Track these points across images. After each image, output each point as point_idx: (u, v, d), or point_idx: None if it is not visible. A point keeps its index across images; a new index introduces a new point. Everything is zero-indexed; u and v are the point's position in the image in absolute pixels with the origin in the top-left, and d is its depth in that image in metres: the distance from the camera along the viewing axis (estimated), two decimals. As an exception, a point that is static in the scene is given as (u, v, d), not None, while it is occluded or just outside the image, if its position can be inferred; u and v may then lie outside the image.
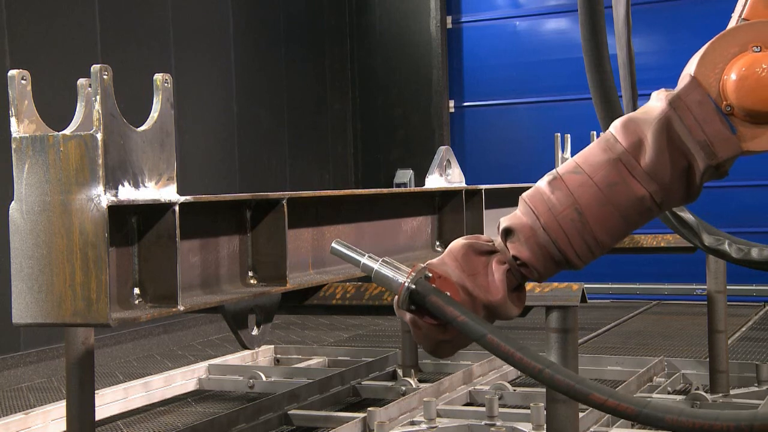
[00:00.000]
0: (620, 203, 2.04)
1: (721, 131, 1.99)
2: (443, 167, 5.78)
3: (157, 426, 7.12)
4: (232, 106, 12.89)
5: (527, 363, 1.96)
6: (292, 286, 3.67)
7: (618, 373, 7.73)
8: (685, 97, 2.01)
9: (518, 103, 14.71)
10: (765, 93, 1.96)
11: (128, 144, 2.98)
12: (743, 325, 11.33)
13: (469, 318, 1.98)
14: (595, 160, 2.06)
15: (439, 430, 6.26)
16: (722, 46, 2.04)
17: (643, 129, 2.02)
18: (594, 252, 2.10)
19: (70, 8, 10.26)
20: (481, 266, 2.08)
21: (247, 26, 13.15)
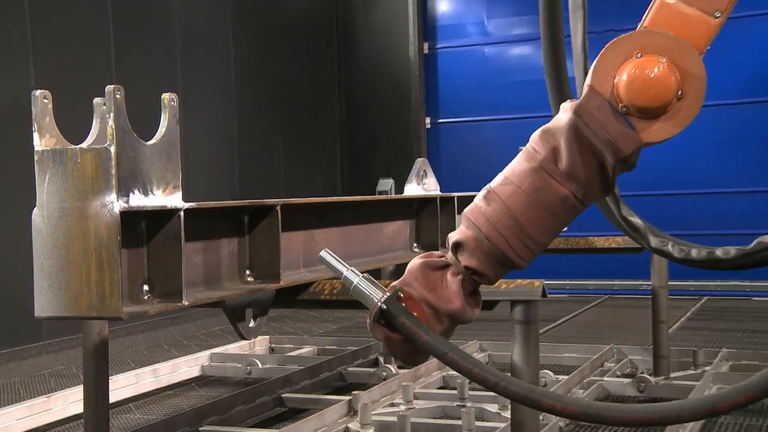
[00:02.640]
0: (548, 204, 2.08)
1: (622, 129, 2.04)
2: (420, 177, 5.77)
3: (165, 408, 7.09)
4: (233, 120, 12.88)
5: (484, 377, 2.04)
6: (285, 283, 3.66)
7: (574, 359, 7.74)
8: (586, 105, 2.05)
9: (487, 120, 14.75)
10: (652, 91, 2.01)
11: (138, 156, 2.97)
12: (682, 316, 11.37)
13: (432, 338, 2.03)
14: (521, 170, 2.11)
15: (416, 411, 6.24)
16: (610, 56, 2.11)
17: (557, 137, 2.07)
18: (533, 250, 2.13)
19: (87, 36, 10.26)
20: (438, 280, 2.11)
21: (246, 49, 13.14)
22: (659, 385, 6.97)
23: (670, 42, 2.07)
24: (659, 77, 2.02)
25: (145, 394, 7.50)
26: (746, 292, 13.31)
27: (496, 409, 6.11)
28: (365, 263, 4.40)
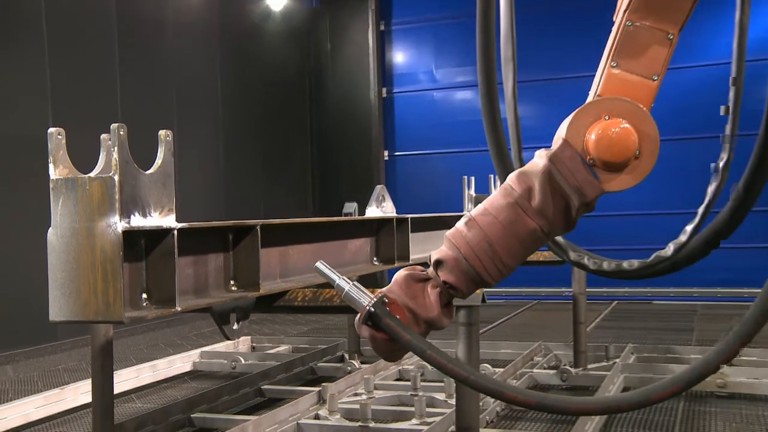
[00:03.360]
0: (519, 235, 2.11)
1: (588, 178, 2.08)
2: (379, 201, 5.76)
3: (162, 398, 7.04)
4: (220, 152, 12.89)
5: (457, 372, 2.05)
6: (264, 291, 3.63)
7: (508, 354, 7.78)
8: (560, 155, 2.09)
9: (435, 153, 14.81)
10: (616, 149, 2.06)
11: (138, 184, 2.97)
12: (597, 317, 11.49)
13: (413, 338, 2.04)
14: (499, 204, 2.12)
15: (376, 400, 6.24)
16: (583, 117, 2.12)
17: (532, 179, 2.09)
18: (503, 272, 2.17)
19: (97, 82, 10.24)
20: (419, 291, 2.13)
21: (232, 94, 13.15)
22: (579, 375, 7.03)
23: (632, 108, 2.11)
24: (622, 138, 2.07)
25: (144, 386, 7.47)
26: (648, 297, 13.51)
27: (444, 397, 6.12)
28: (332, 274, 4.39)
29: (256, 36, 14.11)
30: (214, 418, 5.96)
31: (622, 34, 2.22)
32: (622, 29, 2.22)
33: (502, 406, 6.16)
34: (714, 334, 10.00)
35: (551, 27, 14.11)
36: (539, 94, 14.07)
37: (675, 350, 7.92)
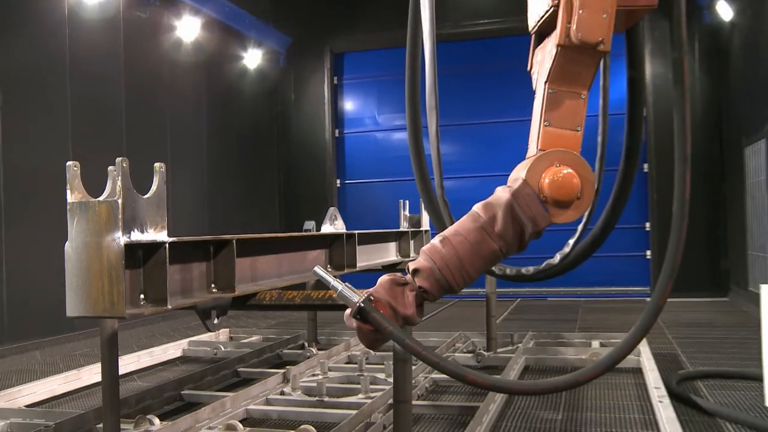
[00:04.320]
0: (483, 253, 2.13)
1: (541, 211, 2.12)
2: (332, 220, 5.78)
3: (158, 378, 6.96)
4: (205, 179, 12.80)
5: (430, 358, 2.09)
6: (239, 292, 3.63)
7: (436, 341, 7.81)
8: (521, 191, 2.12)
9: (378, 181, 14.86)
10: (564, 191, 2.11)
11: (137, 206, 2.99)
12: (505, 311, 11.59)
13: (395, 330, 2.05)
14: (468, 227, 2.14)
15: (330, 379, 6.23)
16: (540, 163, 2.14)
17: (496, 209, 2.12)
18: (467, 282, 2.18)
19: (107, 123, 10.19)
20: (399, 292, 2.13)
21: (215, 134, 13.09)
22: (490, 357, 7.09)
23: (576, 159, 2.15)
24: (569, 182, 2.12)
25: (144, 368, 7.41)
26: (544, 295, 13.65)
27: (384, 376, 6.13)
28: (294, 279, 4.38)
29: (235, 88, 14.09)
30: (200, 394, 5.93)
31: (548, 99, 2.23)
32: (547, 96, 2.23)
33: (429, 383, 6.20)
34: (593, 323, 10.17)
35: (468, 83, 14.28)
36: (458, 135, 14.26)
37: (563, 336, 8.05)
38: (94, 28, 10.12)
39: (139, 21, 11.11)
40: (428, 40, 2.85)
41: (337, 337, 8.34)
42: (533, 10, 2.40)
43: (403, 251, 6.90)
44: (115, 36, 10.54)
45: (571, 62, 2.18)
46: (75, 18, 9.71)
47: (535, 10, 2.39)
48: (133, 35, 10.90)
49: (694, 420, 5.16)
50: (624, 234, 13.30)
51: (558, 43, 2.14)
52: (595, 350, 7.11)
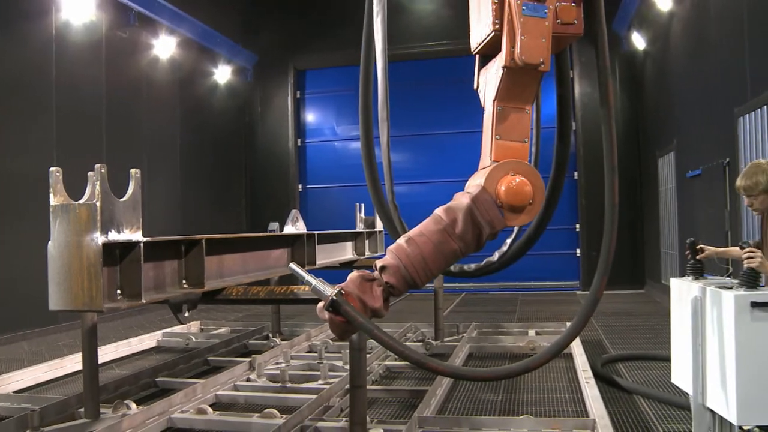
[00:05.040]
0: (444, 253, 2.12)
1: (497, 215, 2.13)
2: (294, 221, 5.75)
3: (135, 366, 6.84)
4: (179, 184, 12.67)
5: (395, 347, 2.08)
6: (208, 288, 3.60)
7: (389, 332, 7.74)
8: (480, 197, 2.12)
9: (336, 186, 14.84)
10: (518, 197, 2.12)
11: (115, 208, 2.97)
12: (451, 304, 11.65)
13: (364, 321, 2.03)
14: (431, 229, 2.13)
15: (292, 366, 6.19)
16: (497, 172, 2.15)
17: (457, 213, 2.11)
18: (429, 278, 2.17)
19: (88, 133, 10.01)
20: (368, 287, 2.10)
21: (188, 142, 12.96)
22: (438, 345, 7.10)
23: (528, 169, 2.17)
24: (522, 190, 2.13)
25: (122, 357, 7.29)
26: (486, 290, 13.74)
27: (341, 364, 6.11)
28: (259, 275, 4.35)
29: (206, 101, 13.95)
30: (173, 381, 5.84)
31: (497, 115, 2.24)
32: (496, 112, 2.24)
33: (383, 369, 6.20)
34: (529, 314, 10.28)
35: (419, 98, 14.34)
36: (409, 145, 14.31)
37: (503, 326, 8.11)
38: (79, 46, 9.99)
39: (120, 40, 10.99)
40: (380, 59, 2.86)
41: (299, 328, 8.29)
42: (475, 34, 2.42)
43: (359, 250, 6.90)
44: (97, 53, 10.42)
45: (516, 81, 2.21)
46: (62, 37, 9.62)
47: (477, 33, 2.40)
48: (114, 53, 10.79)
49: (615, 397, 5.26)
50: (557, 234, 13.49)
51: (504, 65, 2.17)
52: (532, 338, 7.18)
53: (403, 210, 3.03)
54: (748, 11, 7.03)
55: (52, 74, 9.43)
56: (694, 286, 3.37)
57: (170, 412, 4.74)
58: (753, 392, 3.00)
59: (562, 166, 2.71)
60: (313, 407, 4.71)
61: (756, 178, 3.39)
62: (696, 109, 9.14)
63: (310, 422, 4.45)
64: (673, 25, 10.39)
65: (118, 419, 4.38)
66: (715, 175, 8.15)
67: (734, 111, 7.29)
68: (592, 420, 4.26)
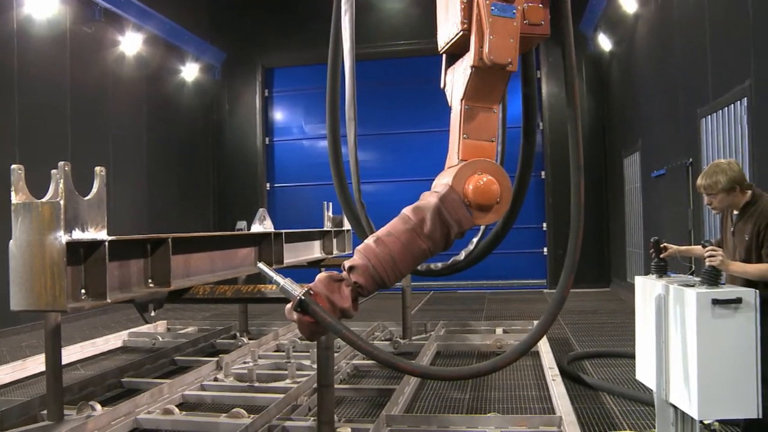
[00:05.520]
0: (413, 252, 2.10)
1: (465, 215, 2.11)
2: (261, 220, 5.70)
3: (100, 367, 6.75)
4: (145, 183, 12.53)
5: (363, 347, 2.03)
6: (174, 287, 3.56)
7: (357, 331, 7.72)
8: (448, 196, 2.10)
9: (304, 185, 14.79)
10: (485, 196, 2.11)
11: (79, 207, 2.93)
12: (419, 303, 11.69)
13: (332, 320, 2.00)
14: (399, 229, 2.11)
15: (260, 366, 6.16)
16: (464, 171, 2.13)
17: (425, 212, 2.10)
18: (398, 278, 2.14)
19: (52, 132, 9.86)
20: (336, 287, 2.07)
21: (155, 140, 12.83)
22: (406, 344, 7.12)
23: (495, 168, 2.16)
24: (490, 189, 2.12)
25: (86, 358, 7.18)
26: (454, 288, 13.81)
27: (309, 363, 6.10)
28: (226, 274, 4.32)
29: (173, 98, 13.81)
30: (139, 381, 5.77)
31: (465, 114, 2.23)
32: (464, 111, 2.24)
33: (351, 368, 6.20)
34: (497, 312, 10.36)
35: (387, 97, 14.35)
36: (378, 144, 14.32)
37: (471, 324, 8.16)
38: (42, 41, 9.82)
39: (85, 35, 10.81)
40: (348, 57, 2.85)
41: (267, 327, 8.25)
42: (442, 33, 2.43)
43: (327, 249, 6.88)
44: (61, 49, 10.25)
45: (484, 81, 2.21)
46: (24, 32, 9.44)
47: (444, 32, 2.41)
48: (79, 48, 10.62)
49: (581, 394, 5.32)
50: (524, 233, 13.60)
51: (472, 65, 2.17)
52: (499, 336, 7.23)
53: (371, 208, 3.03)
54: (710, 14, 7.16)
55: (14, 69, 9.26)
56: (657, 284, 3.42)
57: (136, 412, 4.68)
58: (713, 388, 3.06)
59: (528, 164, 2.73)
60: (280, 407, 4.69)
61: (716, 177, 3.46)
62: (660, 110, 9.30)
63: (278, 422, 4.43)
64: (638, 27, 10.55)
65: (82, 421, 4.31)
66: (678, 174, 8.29)
67: (697, 112, 7.43)
68: (559, 417, 4.31)
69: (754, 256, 3.37)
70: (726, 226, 3.64)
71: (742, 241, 3.45)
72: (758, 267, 3.29)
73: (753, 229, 3.38)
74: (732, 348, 3.06)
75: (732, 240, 3.55)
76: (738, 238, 3.49)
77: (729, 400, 3.08)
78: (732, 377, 3.06)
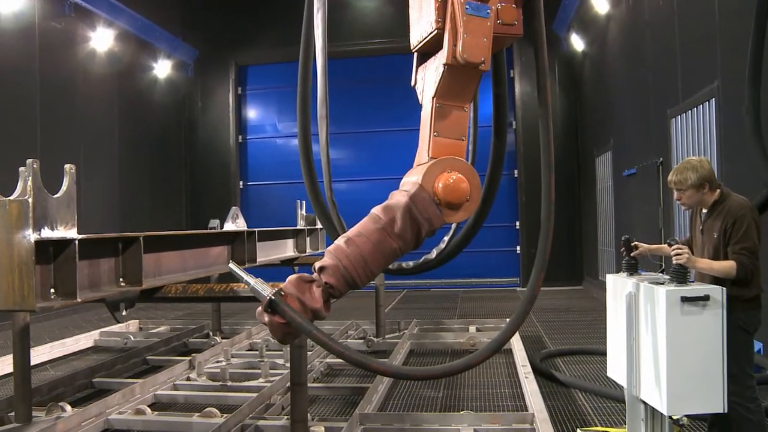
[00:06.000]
0: (384, 251, 2.10)
1: (435, 213, 2.11)
2: (234, 218, 5.67)
3: (70, 367, 6.66)
4: (117, 181, 12.41)
5: (334, 347, 2.02)
6: (146, 286, 3.53)
7: (330, 329, 7.72)
8: (418, 195, 2.11)
9: (277, 183, 14.73)
10: (455, 194, 2.11)
11: (48, 205, 2.90)
12: (393, 301, 11.70)
13: (302, 321, 1.99)
14: (369, 229, 2.11)
15: (232, 365, 6.13)
16: (434, 169, 2.13)
17: (395, 212, 2.10)
18: (370, 278, 2.14)
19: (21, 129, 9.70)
20: (307, 288, 2.06)
21: (126, 137, 12.71)
22: (380, 342, 7.13)
23: (465, 166, 2.16)
24: (459, 187, 2.12)
25: (57, 358, 7.09)
26: (427, 286, 13.84)
27: (282, 362, 6.08)
28: (198, 273, 4.29)
29: (145, 95, 13.68)
30: (111, 381, 5.71)
31: (436, 112, 2.24)
32: (435, 109, 2.24)
33: (324, 367, 6.19)
34: (470, 310, 10.41)
35: (360, 95, 14.35)
36: (350, 142, 14.31)
37: (444, 322, 8.18)
38: (9, 35, 9.66)
39: (55, 30, 10.66)
40: (320, 56, 2.85)
41: (240, 326, 8.21)
42: (415, 31, 2.44)
43: (300, 247, 6.86)
44: (30, 44, 10.08)
45: (456, 79, 2.22)
46: (-12, 26, 9.26)
47: (417, 30, 2.42)
48: (49, 43, 10.46)
49: (553, 391, 5.37)
50: (497, 232, 13.68)
51: (445, 62, 2.18)
52: (472, 334, 7.26)
53: (344, 207, 3.04)
54: (679, 16, 7.26)
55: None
56: (628, 282, 3.47)
57: (107, 413, 4.63)
58: (682, 384, 3.11)
59: (499, 162, 2.75)
60: (253, 406, 4.67)
61: (686, 174, 3.52)
62: (632, 110, 9.41)
63: (251, 421, 4.42)
64: (610, 27, 10.66)
65: (51, 422, 4.26)
66: (649, 174, 8.40)
67: (667, 112, 7.53)
68: (531, 414, 4.35)
69: (722, 253, 3.42)
70: (695, 224, 3.70)
71: (710, 239, 3.51)
72: (723, 264, 3.35)
73: (721, 227, 3.44)
74: (700, 344, 3.11)
75: (701, 238, 3.61)
76: (707, 236, 3.55)
77: (697, 396, 3.13)
78: (700, 373, 3.11)
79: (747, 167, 4.96)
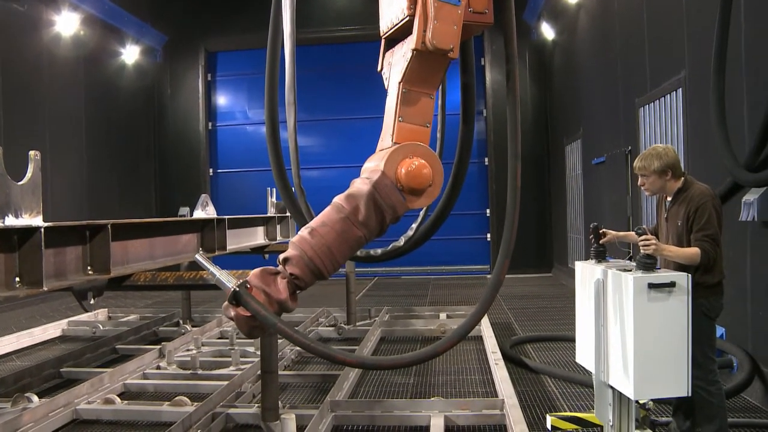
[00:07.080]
0: (349, 240, 2.10)
1: (399, 199, 2.12)
2: (204, 206, 5.63)
3: (38, 357, 6.58)
4: (84, 168, 12.23)
5: (298, 340, 2.01)
6: (114, 274, 3.48)
7: (301, 317, 7.75)
8: (380, 182, 2.11)
9: (247, 171, 14.62)
10: (417, 181, 2.12)
11: (12, 192, 2.86)
12: (363, 289, 11.71)
13: (267, 314, 1.96)
14: (333, 218, 2.11)
15: (203, 353, 6.10)
16: (396, 155, 2.14)
17: (358, 200, 2.10)
18: (336, 267, 2.14)
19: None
20: (272, 280, 2.05)
21: (94, 124, 12.51)
22: (350, 330, 7.14)
23: (427, 151, 2.17)
24: (422, 173, 2.12)
25: (23, 348, 6.99)
26: (398, 274, 13.89)
27: (253, 350, 6.06)
28: (167, 261, 4.24)
29: (113, 81, 13.46)
30: (79, 371, 5.64)
31: (402, 97, 2.25)
32: (401, 94, 2.25)
33: (295, 354, 6.19)
34: (441, 297, 10.47)
35: (330, 82, 14.29)
36: (320, 129, 14.26)
37: (415, 310, 8.22)
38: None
39: (17, 13, 10.42)
40: (288, 42, 2.83)
41: (210, 314, 8.16)
42: (386, 17, 2.43)
43: (270, 235, 6.83)
44: (-11, 27, 9.86)
45: (424, 65, 2.22)
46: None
47: (387, 17, 2.41)
48: (10, 27, 10.22)
49: (523, 377, 5.43)
50: (467, 219, 13.75)
51: (414, 48, 2.18)
52: (443, 321, 7.31)
53: (315, 194, 3.04)
54: (648, 7, 7.33)
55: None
56: (597, 269, 3.51)
57: (76, 403, 4.58)
58: (649, 369, 3.17)
59: (467, 150, 2.77)
60: (224, 394, 4.66)
61: (650, 160, 3.58)
62: (601, 99, 9.49)
63: (222, 409, 4.40)
64: (580, 16, 10.73)
65: (17, 413, 4.19)
66: (617, 162, 8.49)
67: (635, 101, 7.61)
68: (501, 400, 4.39)
69: (686, 240, 3.49)
70: (660, 212, 3.76)
71: (674, 226, 3.57)
72: (687, 251, 3.41)
73: (684, 214, 3.50)
74: (666, 330, 3.17)
75: (666, 225, 3.66)
76: (671, 223, 3.61)
77: (663, 381, 3.19)
78: (665, 358, 3.17)
79: (713, 156, 5.04)
